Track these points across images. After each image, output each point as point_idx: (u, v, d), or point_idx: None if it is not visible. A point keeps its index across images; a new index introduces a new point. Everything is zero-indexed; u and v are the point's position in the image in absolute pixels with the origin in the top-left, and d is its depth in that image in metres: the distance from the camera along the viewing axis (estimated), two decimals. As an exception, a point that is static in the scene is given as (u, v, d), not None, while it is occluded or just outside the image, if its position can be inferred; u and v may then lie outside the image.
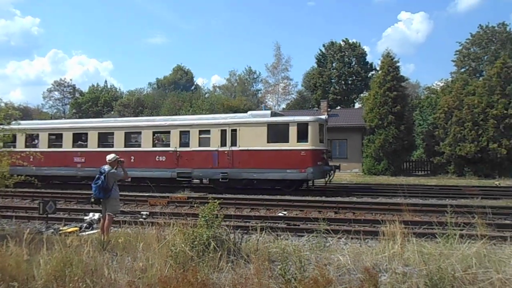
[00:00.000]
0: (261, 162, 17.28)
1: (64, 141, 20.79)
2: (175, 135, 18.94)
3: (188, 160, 18.37)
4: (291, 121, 17.69)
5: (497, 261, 5.29)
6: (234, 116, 19.95)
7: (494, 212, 10.88)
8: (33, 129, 20.86)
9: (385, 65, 30.44)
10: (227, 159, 17.82)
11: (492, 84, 27.18)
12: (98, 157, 19.05)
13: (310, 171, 16.65)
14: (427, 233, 7.87)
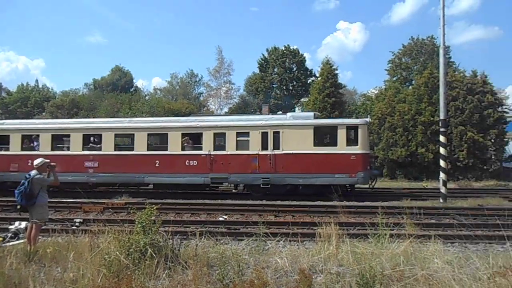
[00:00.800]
0: (308, 167, 16.36)
1: (72, 143, 18.39)
2: (208, 137, 17.35)
3: (224, 165, 17.04)
4: (340, 123, 17.09)
5: (422, 258, 5.66)
6: (273, 117, 18.89)
7: (421, 212, 11.67)
8: (32, 129, 19.31)
9: (325, 72, 31.58)
10: (269, 164, 16.69)
11: (421, 93, 29.13)
12: (115, 161, 17.70)
13: (361, 176, 16.12)
14: (360, 234, 8.22)
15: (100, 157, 17.91)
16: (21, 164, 17.69)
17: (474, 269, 4.98)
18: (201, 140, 17.56)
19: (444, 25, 15.54)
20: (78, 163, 17.82)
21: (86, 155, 18.02)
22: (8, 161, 18.23)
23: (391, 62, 48.14)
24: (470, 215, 11.43)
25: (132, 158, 17.71)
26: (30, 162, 18.17)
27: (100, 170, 17.76)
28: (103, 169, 17.71)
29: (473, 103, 27.45)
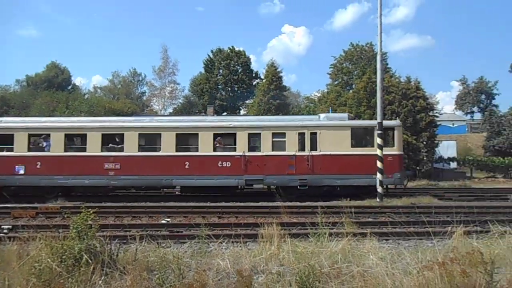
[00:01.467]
0: (345, 168, 16.27)
1: (89, 144, 16.80)
2: (242, 138, 16.79)
3: (259, 166, 16.52)
4: (369, 125, 17.33)
5: (359, 255, 5.90)
6: (306, 118, 18.70)
7: (359, 211, 12.20)
8: (41, 128, 17.22)
9: (269, 75, 32.08)
10: (306, 165, 16.48)
11: (360, 97, 30.47)
12: (139, 163, 16.59)
13: (398, 176, 16.46)
14: (302, 234, 8.40)
15: (122, 159, 16.62)
16: (28, 166, 16.36)
17: (405, 264, 5.26)
18: (235, 141, 17.01)
19: (381, 33, 16.35)
20: (97, 165, 16.44)
21: (106, 156, 16.61)
22: (12, 163, 16.43)
23: (333, 66, 49.79)
24: (403, 213, 12.10)
25: (158, 160, 16.75)
26: (39, 164, 16.17)
27: (122, 173, 16.52)
28: (126, 171, 16.52)
29: (408, 107, 29.12)
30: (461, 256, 4.52)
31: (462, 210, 10.38)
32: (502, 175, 32.36)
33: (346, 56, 49.93)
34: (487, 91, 54.97)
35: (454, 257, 4.51)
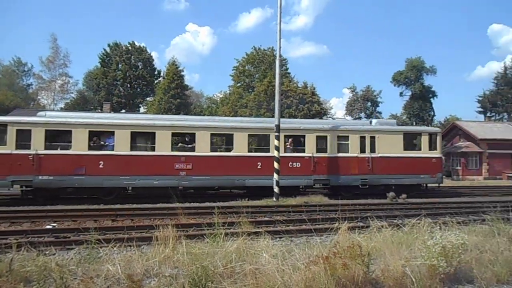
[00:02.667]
0: (398, 168, 18.19)
1: (159, 143, 16.16)
2: (311, 140, 17.74)
3: (326, 167, 17.61)
4: (423, 131, 20.02)
5: (253, 254, 6.05)
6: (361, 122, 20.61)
7: (256, 211, 12.55)
8: (104, 125, 16.09)
9: (171, 73, 31.40)
10: (366, 166, 17.98)
11: (261, 99, 31.47)
12: (211, 163, 16.51)
13: (440, 176, 18.95)
14: (199, 235, 8.35)
15: (194, 158, 16.38)
16: (89, 166, 15.29)
17: (295, 260, 5.54)
18: (304, 143, 17.82)
19: (280, 39, 17.09)
20: (167, 165, 15.95)
21: (176, 156, 16.16)
22: (70, 163, 15.17)
23: (236, 68, 50.69)
24: (296, 212, 12.77)
25: (231, 160, 16.91)
26: (102, 164, 15.19)
27: (193, 173, 16.28)
28: (198, 171, 16.32)
29: (304, 111, 30.88)
30: (342, 250, 4.89)
31: (347, 207, 11.28)
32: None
33: (248, 59, 51.16)
34: (373, 99, 60.71)
35: (337, 251, 4.87)
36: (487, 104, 59.84)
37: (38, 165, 14.88)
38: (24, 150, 14.86)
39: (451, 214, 11.58)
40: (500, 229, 7.13)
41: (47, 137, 15.29)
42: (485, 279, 5.08)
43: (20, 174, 14.73)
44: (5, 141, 14.87)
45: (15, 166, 14.63)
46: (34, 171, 14.82)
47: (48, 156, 15.08)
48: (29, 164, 14.78)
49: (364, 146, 18.37)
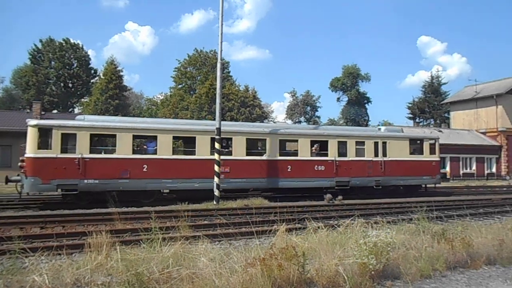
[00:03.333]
0: (406, 170, 20.55)
1: (198, 147, 16.86)
2: (333, 145, 19.38)
3: (346, 170, 19.33)
4: (425, 137, 22.72)
5: (191, 258, 5.98)
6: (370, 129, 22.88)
7: (196, 214, 12.42)
8: (147, 129, 16.64)
9: (109, 72, 30.21)
10: (380, 168, 20.07)
11: (202, 102, 31.25)
12: (246, 167, 17.43)
13: (438, 177, 21.79)
14: (135, 240, 8.09)
15: (232, 162, 17.18)
16: (132, 170, 15.64)
17: (233, 263, 5.55)
18: (327, 147, 19.36)
19: (221, 42, 17.09)
20: (206, 168, 16.26)
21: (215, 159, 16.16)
22: (114, 166, 15.45)
23: (177, 70, 49.92)
24: (236, 215, 12.81)
25: (264, 163, 18.00)
26: (145, 168, 15.60)
27: (231, 176, 17.07)
28: (235, 174, 17.16)
29: (245, 115, 31.11)
30: (278, 252, 4.99)
31: (286, 210, 11.49)
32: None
33: (190, 61, 50.61)
34: (312, 104, 62.66)
35: (273, 252, 4.95)
36: (416, 111, 64.07)
37: (84, 169, 15.02)
38: (69, 154, 14.97)
39: (382, 214, 12.24)
40: (425, 227, 7.63)
41: (92, 141, 15.57)
42: (410, 275, 5.42)
43: (65, 178, 14.76)
44: (50, 145, 14.91)
45: (60, 170, 14.64)
46: (80, 175, 14.95)
47: (93, 160, 15.28)
48: (75, 168, 14.89)
49: (378, 150, 20.43)
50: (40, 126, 15.13)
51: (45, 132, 15.03)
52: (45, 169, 14.58)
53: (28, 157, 14.68)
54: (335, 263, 5.31)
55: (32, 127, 14.93)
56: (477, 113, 46.52)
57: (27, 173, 14.50)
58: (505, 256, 6.42)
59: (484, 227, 8.48)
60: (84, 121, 16.06)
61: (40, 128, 15.05)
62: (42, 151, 14.78)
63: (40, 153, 14.73)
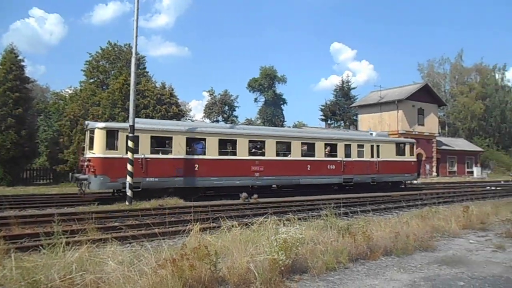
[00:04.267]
0: (393, 169, 24.52)
1: (239, 149, 19.22)
2: (341, 148, 22.70)
3: (351, 169, 22.61)
4: (406, 141, 26.93)
5: (97, 262, 5.65)
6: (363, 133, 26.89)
7: (106, 216, 11.82)
8: (198, 132, 18.51)
9: (7, 62, 27.35)
10: (375, 168, 23.70)
11: (115, 98, 29.73)
12: (276, 166, 20.11)
13: (416, 175, 26.34)
14: (35, 246, 7.45)
15: (265, 162, 19.60)
16: (186, 169, 17.38)
17: (143, 266, 5.36)
18: (336, 149, 22.59)
19: (136, 36, 16.44)
20: (245, 167, 18.91)
21: (252, 160, 19.26)
22: (171, 166, 17.10)
23: (89, 63, 46.84)
24: (150, 215, 12.42)
25: (290, 163, 20.77)
26: (197, 167, 17.46)
27: (265, 174, 19.53)
28: (267, 172, 19.59)
29: (161, 112, 30.29)
30: (190, 251, 4.93)
31: (200, 209, 11.44)
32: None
33: (103, 54, 47.80)
34: (230, 103, 63.07)
35: (184, 253, 4.88)
36: (328, 113, 67.72)
37: (146, 168, 16.45)
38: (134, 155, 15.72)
39: (294, 211, 12.73)
40: (332, 223, 8.08)
41: (152, 142, 17.08)
42: (317, 268, 5.70)
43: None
44: (116, 146, 16.15)
45: (125, 169, 15.25)
46: (142, 173, 16.31)
47: (153, 160, 16.81)
48: (138, 167, 16.01)
49: (373, 152, 24.00)
50: (108, 129, 16.31)
51: (112, 134, 16.22)
52: (113, 168, 15.75)
53: (97, 157, 15.85)
54: (247, 260, 5.39)
55: (101, 129, 16.12)
56: (381, 117, 50.55)
57: (96, 172, 15.62)
58: (399, 247, 7.05)
59: (383, 221, 9.21)
60: (146, 124, 17.65)
61: (108, 130, 16.22)
62: (109, 151, 16.00)
63: (108, 154, 15.94)
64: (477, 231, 9.47)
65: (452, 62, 74.51)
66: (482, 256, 6.99)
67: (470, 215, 10.51)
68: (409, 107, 48.61)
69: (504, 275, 5.80)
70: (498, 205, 14.31)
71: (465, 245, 7.87)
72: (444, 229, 9.09)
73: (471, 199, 19.51)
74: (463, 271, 5.97)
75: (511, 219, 10.66)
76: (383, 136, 26.80)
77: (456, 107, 69.65)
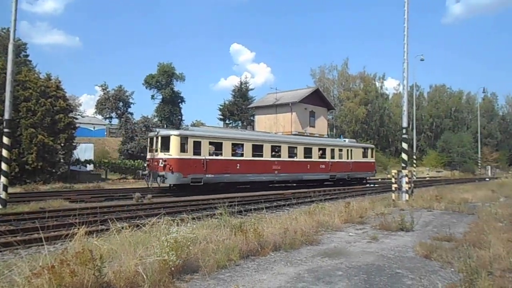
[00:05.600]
0: (361, 168, 33.21)
1: (265, 152, 25.14)
2: (328, 151, 30.50)
3: (334, 167, 30.45)
4: (369, 147, 36.18)
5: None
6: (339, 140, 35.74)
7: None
8: (239, 139, 24.35)
9: None
10: (349, 166, 32.14)
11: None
12: (288, 165, 26.69)
13: (374, 173, 35.46)
14: None
15: (281, 162, 26.17)
16: (231, 167, 22.76)
17: (15, 276, 4.82)
18: (325, 153, 30.04)
19: (15, 20, 14.76)
20: (269, 166, 25.30)
21: (273, 160, 25.62)
22: (222, 165, 22.22)
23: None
24: (28, 220, 11.23)
25: (296, 163, 27.38)
26: (238, 166, 23.33)
27: (281, 172, 26.02)
28: (283, 171, 26.14)
29: (46, 106, 27.69)
30: (71, 257, 4.58)
31: (87, 211, 10.71)
32: (132, 176, 36.15)
33: (-26, 37, 42.12)
34: (125, 99, 60.21)
35: (65, 258, 4.51)
36: (226, 113, 68.59)
37: (206, 167, 21.09)
38: (198, 156, 20.95)
39: (189, 211, 12.62)
40: (226, 221, 8.18)
41: (210, 147, 21.83)
42: (208, 267, 5.72)
43: (196, 173, 20.71)
44: (186, 149, 20.73)
45: (193, 167, 20.55)
46: (204, 171, 21.02)
47: (211, 160, 21.61)
48: (201, 166, 20.91)
49: (348, 155, 32.01)
50: (182, 135, 20.78)
51: (184, 140, 20.77)
52: (185, 167, 20.39)
53: (173, 158, 20.27)
54: (135, 263, 5.19)
55: (176, 136, 20.64)
56: (276, 118, 52.79)
57: (173, 170, 19.97)
58: (288, 242, 7.43)
59: (275, 218, 9.62)
60: (206, 132, 22.84)
61: (181, 137, 20.74)
62: (182, 154, 20.53)
63: (182, 155, 20.47)
64: (356, 224, 10.40)
65: (339, 70, 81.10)
66: (359, 247, 7.70)
67: (351, 210, 11.52)
68: (302, 109, 51.62)
69: (376, 263, 6.46)
70: (375, 200, 15.90)
71: (345, 238, 8.60)
72: (328, 223, 9.81)
73: (353, 196, 21.45)
74: (342, 261, 6.51)
75: (384, 212, 11.92)
76: (353, 142, 35.86)
77: (343, 111, 75.89)
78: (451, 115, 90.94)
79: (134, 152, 39.32)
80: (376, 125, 78.04)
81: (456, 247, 7.23)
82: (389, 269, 6.09)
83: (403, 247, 7.70)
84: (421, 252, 7.06)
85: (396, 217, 10.19)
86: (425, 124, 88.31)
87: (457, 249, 6.99)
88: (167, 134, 21.07)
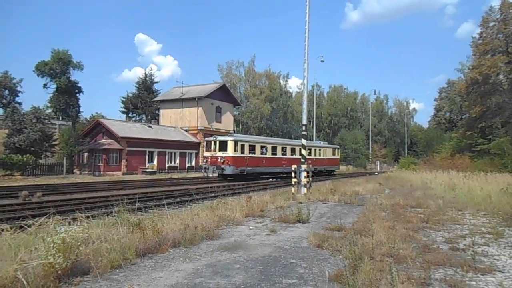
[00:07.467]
0: (331, 163, 47.84)
1: (278, 151, 37.18)
2: (314, 151, 43.22)
3: (316, 163, 42.25)
4: (336, 147, 53.04)
5: None
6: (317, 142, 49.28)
7: None
8: (264, 142, 36.78)
9: None
10: (325, 162, 45.82)
11: None
12: (291, 161, 34.42)
13: (338, 167, 52.21)
14: None
15: (287, 159, 37.26)
16: (260, 162, 34.39)
17: None
18: (311, 152, 41.54)
19: None
20: (280, 162, 36.88)
21: (282, 158, 37.32)
22: (256, 161, 33.73)
23: None
24: None
25: (296, 159, 31.86)
26: (264, 161, 36.14)
27: (287, 165, 34.59)
28: (288, 164, 34.23)
29: None
30: None
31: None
32: (20, 172, 32.76)
33: None
34: (11, 87, 54.22)
35: None
36: (129, 105, 65.62)
37: (247, 162, 32.65)
38: (242, 154, 32.44)
39: (84, 209, 11.83)
40: (123, 219, 7.82)
41: (249, 148, 33.63)
42: (100, 267, 5.40)
43: (241, 167, 31.91)
44: (237, 150, 31.90)
45: (240, 162, 31.90)
46: (246, 165, 32.46)
47: (250, 157, 33.20)
48: (244, 162, 32.35)
49: (324, 153, 45.56)
50: (236, 140, 32.02)
51: (236, 143, 31.93)
52: (236, 162, 31.49)
53: (230, 156, 31.19)
54: (14, 268, 4.70)
55: (231, 141, 31.74)
56: (182, 112, 51.99)
57: (230, 164, 30.99)
58: (188, 238, 7.35)
59: (176, 214, 9.44)
60: (247, 138, 35.99)
61: (235, 141, 32.00)
62: (235, 153, 31.62)
63: (235, 154, 31.58)
64: (256, 218, 10.69)
65: (246, 66, 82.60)
66: (258, 240, 7.93)
67: (253, 204, 11.82)
68: (208, 105, 51.51)
69: (273, 254, 6.71)
70: (276, 194, 16.52)
71: (246, 231, 8.78)
72: (230, 218, 9.94)
73: (256, 190, 22.03)
74: (241, 254, 6.64)
75: (283, 206, 12.46)
76: (326, 144, 50.69)
77: (249, 107, 77.53)
78: (347, 113, 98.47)
79: (22, 146, 35.61)
80: (280, 122, 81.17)
81: (345, 236, 7.84)
82: (284, 259, 6.37)
83: (298, 238, 8.11)
84: (314, 242, 7.50)
85: (294, 210, 10.69)
86: (324, 122, 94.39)
87: (345, 238, 7.58)
88: (225, 139, 32.09)
